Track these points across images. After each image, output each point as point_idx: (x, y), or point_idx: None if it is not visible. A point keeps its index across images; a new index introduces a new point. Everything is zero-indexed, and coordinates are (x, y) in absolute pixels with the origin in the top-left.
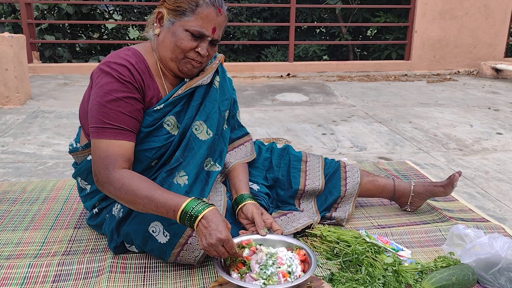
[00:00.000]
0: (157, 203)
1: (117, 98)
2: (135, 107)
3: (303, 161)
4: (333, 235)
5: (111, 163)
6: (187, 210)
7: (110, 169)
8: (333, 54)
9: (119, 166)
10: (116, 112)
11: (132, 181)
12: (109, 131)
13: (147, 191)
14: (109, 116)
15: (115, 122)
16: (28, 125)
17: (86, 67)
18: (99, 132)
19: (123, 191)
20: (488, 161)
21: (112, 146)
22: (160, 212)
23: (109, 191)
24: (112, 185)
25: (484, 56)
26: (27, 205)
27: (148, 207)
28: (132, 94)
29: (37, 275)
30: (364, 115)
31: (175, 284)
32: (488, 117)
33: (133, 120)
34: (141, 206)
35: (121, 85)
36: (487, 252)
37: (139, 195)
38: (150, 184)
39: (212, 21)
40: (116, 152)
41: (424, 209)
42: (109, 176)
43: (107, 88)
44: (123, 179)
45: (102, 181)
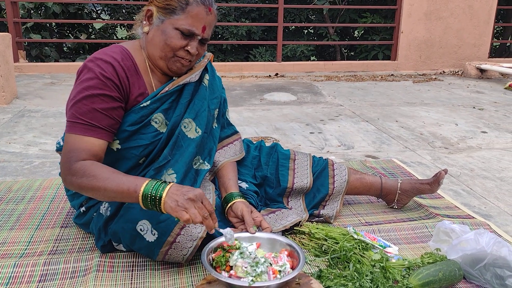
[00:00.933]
0: (117, 184)
1: (93, 94)
2: (111, 105)
3: (291, 159)
4: (321, 232)
5: (74, 156)
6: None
7: (72, 161)
8: (320, 54)
9: (81, 158)
10: (89, 108)
11: (93, 167)
12: (79, 126)
13: (107, 174)
14: (82, 112)
15: (86, 118)
16: (14, 124)
17: (73, 67)
18: (70, 127)
19: (84, 179)
20: (473, 159)
21: (79, 141)
22: (120, 195)
23: (72, 183)
24: (75, 175)
25: (469, 56)
26: (13, 204)
27: (109, 191)
28: (109, 92)
29: (22, 275)
30: (351, 114)
31: (163, 282)
32: (473, 116)
33: (106, 118)
34: (102, 190)
35: (100, 82)
36: (473, 248)
37: (100, 179)
38: (112, 170)
39: (202, 20)
40: (82, 147)
41: (411, 206)
42: (70, 168)
43: (85, 84)
44: (84, 167)
45: (64, 174)
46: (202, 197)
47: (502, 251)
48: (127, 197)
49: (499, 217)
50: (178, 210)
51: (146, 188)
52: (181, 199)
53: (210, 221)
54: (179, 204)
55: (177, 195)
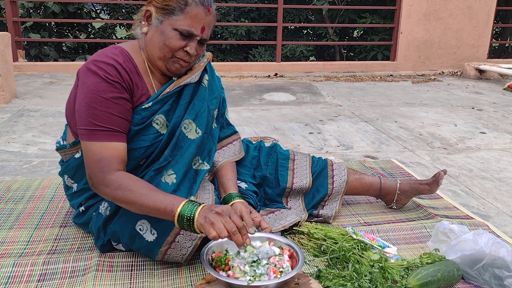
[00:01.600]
0: (154, 202)
1: (106, 98)
2: (124, 107)
3: (290, 160)
4: (320, 233)
5: (106, 166)
6: (183, 212)
7: (106, 171)
8: (320, 54)
9: (114, 168)
10: (105, 113)
11: (129, 181)
12: (101, 133)
13: (144, 190)
14: (99, 118)
15: (105, 124)
16: (13, 123)
17: (72, 66)
18: (90, 135)
19: (119, 192)
20: (472, 160)
21: (105, 148)
22: (156, 212)
23: (106, 193)
24: (109, 187)
25: (468, 57)
26: (12, 204)
27: (145, 207)
28: (121, 94)
29: (22, 274)
30: (350, 114)
31: (163, 282)
32: (472, 116)
33: (123, 120)
34: (138, 205)
35: (109, 85)
36: (471, 248)
37: (137, 194)
38: (148, 185)
39: (201, 21)
40: (110, 154)
41: (410, 207)
42: (105, 179)
43: (94, 89)
44: (120, 180)
45: (97, 184)
46: (230, 212)
47: (500, 251)
48: (163, 215)
49: (498, 217)
50: (206, 225)
51: (182, 209)
52: (209, 214)
53: (239, 236)
54: (206, 219)
55: (206, 212)
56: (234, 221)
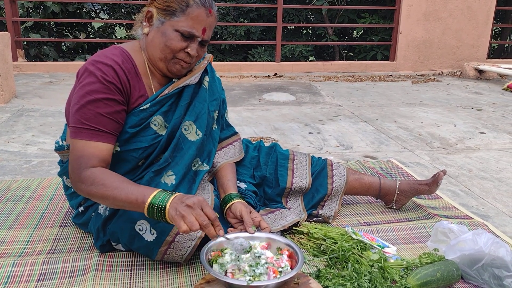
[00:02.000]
0: (126, 194)
1: (97, 99)
2: (115, 109)
3: (290, 159)
4: (320, 232)
5: (84, 163)
6: (154, 202)
7: (82, 168)
8: (319, 54)
9: (91, 165)
10: (94, 113)
11: (102, 176)
12: (86, 131)
13: (117, 183)
14: (87, 117)
15: (92, 123)
16: (12, 123)
17: (72, 66)
18: (76, 133)
19: (93, 187)
20: (471, 160)
21: (87, 147)
22: (129, 204)
23: (81, 190)
24: (84, 183)
25: (467, 57)
26: (12, 203)
27: (118, 200)
28: (113, 96)
29: (21, 274)
30: (350, 114)
31: (162, 282)
32: (471, 116)
33: (111, 121)
34: (111, 199)
35: (103, 86)
36: (471, 248)
37: (109, 187)
38: (121, 178)
39: (203, 22)
40: (91, 152)
41: (409, 207)
42: (80, 175)
43: (88, 89)
44: (93, 175)
45: (74, 181)
46: (202, 204)
47: (500, 251)
48: (136, 207)
49: (497, 217)
50: (176, 218)
51: (153, 199)
52: (180, 206)
53: (211, 229)
54: (177, 212)
55: (177, 203)
56: (206, 213)
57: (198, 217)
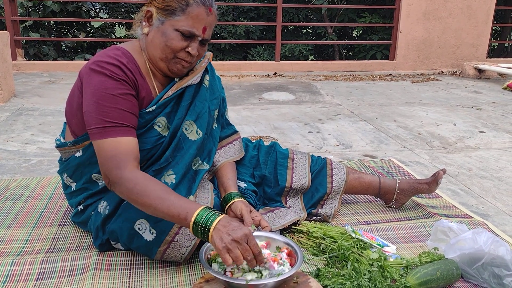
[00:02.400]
0: (168, 207)
1: (114, 95)
2: (133, 104)
3: (290, 159)
4: (319, 231)
5: (123, 162)
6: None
7: (122, 168)
8: (319, 54)
9: (131, 164)
10: (115, 109)
11: (145, 182)
12: (113, 129)
13: (160, 193)
14: (109, 115)
15: (116, 120)
16: (11, 122)
17: (71, 65)
18: (102, 133)
19: (134, 192)
20: (471, 159)
21: (119, 144)
22: (170, 218)
23: (121, 192)
24: (125, 185)
25: (467, 56)
26: (10, 202)
27: (159, 211)
28: (129, 91)
29: (20, 273)
30: (349, 113)
31: (161, 281)
32: (471, 116)
33: (133, 116)
34: (152, 209)
35: (116, 82)
36: (471, 247)
37: (152, 197)
38: (163, 188)
39: (203, 21)
40: (125, 149)
41: (409, 206)
42: (122, 176)
43: (102, 87)
44: (136, 179)
45: (113, 181)
46: (249, 238)
47: (499, 250)
48: (177, 221)
49: (497, 216)
50: (223, 251)
51: (196, 219)
52: (227, 239)
53: (254, 263)
54: (223, 244)
55: (223, 233)
56: (251, 247)
57: (243, 252)
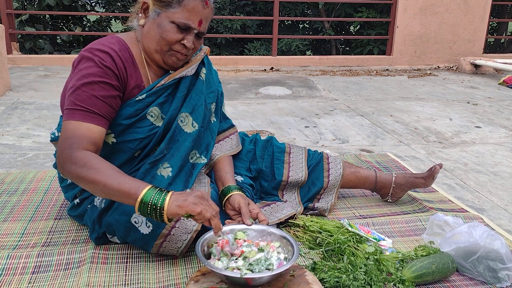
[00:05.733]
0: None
1: (93, 81)
2: (110, 93)
3: (286, 153)
4: (316, 225)
5: (75, 143)
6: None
7: (74, 148)
8: (316, 49)
9: (83, 146)
10: (89, 95)
11: (96, 160)
12: (79, 112)
13: (111, 171)
14: (81, 99)
15: (86, 105)
16: (7, 116)
17: (67, 59)
18: (69, 114)
19: (84, 170)
20: (467, 154)
21: (79, 127)
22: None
23: (71, 171)
24: (75, 164)
25: (464, 52)
26: (6, 196)
27: (108, 187)
28: (109, 80)
29: (16, 266)
30: (346, 108)
31: (158, 274)
32: (467, 111)
33: (105, 105)
34: (101, 185)
35: (100, 70)
36: (466, 240)
37: (102, 173)
38: (115, 168)
39: (199, 14)
40: (83, 133)
41: (405, 200)
42: (71, 156)
43: (85, 72)
44: (87, 158)
45: (63, 161)
46: (208, 197)
47: (494, 244)
48: (126, 197)
49: (492, 210)
50: (189, 204)
51: (147, 193)
52: (190, 196)
53: (218, 221)
54: (188, 200)
55: (183, 195)
56: (211, 205)
57: (208, 208)
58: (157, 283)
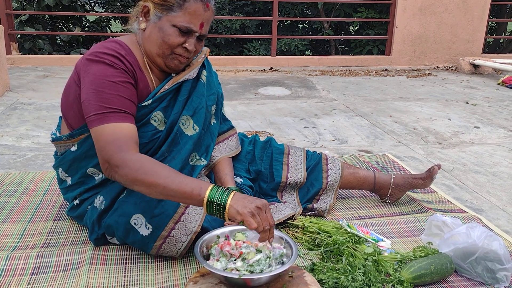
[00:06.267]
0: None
1: (114, 82)
2: (133, 92)
3: (285, 154)
4: (315, 226)
5: (125, 145)
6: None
7: (125, 150)
8: (315, 49)
9: (132, 148)
10: (116, 96)
11: (151, 162)
12: (113, 115)
13: (168, 172)
14: (110, 101)
15: (117, 106)
16: (6, 117)
17: (66, 59)
18: (102, 118)
19: (141, 173)
20: (465, 154)
21: (120, 129)
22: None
23: (124, 174)
24: (129, 166)
25: (463, 52)
26: (5, 197)
27: (169, 189)
28: (129, 80)
29: (15, 268)
30: (345, 109)
31: (157, 275)
32: (466, 111)
33: (132, 104)
34: (161, 188)
35: (116, 70)
36: (464, 241)
37: (161, 176)
38: (171, 168)
39: (200, 17)
40: (126, 134)
41: (404, 201)
42: (125, 159)
43: (102, 74)
44: (142, 159)
45: (115, 165)
46: (267, 208)
47: (493, 244)
48: (189, 198)
49: (491, 211)
50: (247, 215)
51: (211, 193)
52: (251, 205)
53: (267, 235)
54: (248, 209)
55: (245, 202)
56: (268, 217)
57: (263, 220)
58: (156, 284)
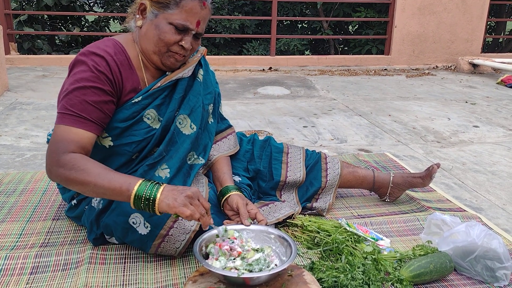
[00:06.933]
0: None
1: (85, 86)
2: (102, 99)
3: (284, 153)
4: (314, 225)
5: (63, 147)
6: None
7: (61, 152)
8: (314, 48)
9: (70, 150)
10: (80, 100)
11: (83, 161)
12: (68, 117)
13: (99, 170)
14: (72, 103)
15: (76, 110)
16: (5, 116)
17: (65, 59)
18: (60, 118)
19: (73, 172)
20: (465, 153)
21: (68, 132)
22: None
23: (59, 175)
24: (63, 167)
25: (462, 51)
26: (4, 197)
27: (99, 187)
28: (102, 86)
29: (14, 267)
30: (344, 108)
31: (156, 274)
32: (465, 110)
33: (97, 110)
34: (91, 186)
35: (93, 75)
36: (464, 240)
37: (91, 173)
38: (103, 166)
39: (197, 14)
40: (71, 138)
41: (403, 200)
42: (59, 160)
43: (78, 77)
44: (74, 160)
45: (51, 165)
46: (199, 195)
47: (492, 243)
48: (118, 195)
49: (490, 210)
50: (178, 206)
51: (139, 188)
52: (180, 196)
53: (207, 218)
54: (177, 201)
55: (174, 193)
56: (202, 203)
57: (197, 207)
58: (155, 284)
